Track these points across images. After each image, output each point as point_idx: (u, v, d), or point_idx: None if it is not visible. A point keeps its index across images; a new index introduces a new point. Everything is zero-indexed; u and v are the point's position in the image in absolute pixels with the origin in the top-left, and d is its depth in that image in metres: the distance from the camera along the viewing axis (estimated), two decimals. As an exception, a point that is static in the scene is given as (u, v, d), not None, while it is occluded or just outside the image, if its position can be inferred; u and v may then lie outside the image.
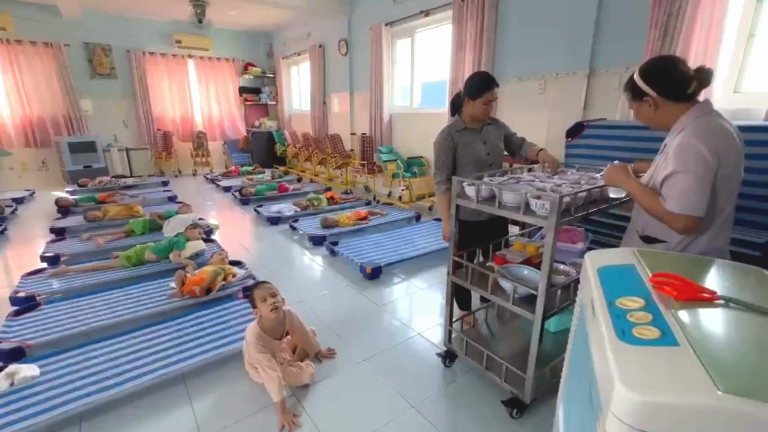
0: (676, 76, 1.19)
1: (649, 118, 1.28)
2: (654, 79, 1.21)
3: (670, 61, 1.25)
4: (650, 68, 1.23)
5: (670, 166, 1.15)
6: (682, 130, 1.18)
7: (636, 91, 1.26)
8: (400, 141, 5.52)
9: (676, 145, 1.15)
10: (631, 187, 1.28)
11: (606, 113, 3.15)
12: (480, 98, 1.84)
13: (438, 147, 1.98)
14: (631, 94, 1.29)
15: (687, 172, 1.11)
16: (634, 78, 1.26)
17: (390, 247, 3.48)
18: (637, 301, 0.74)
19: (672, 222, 1.15)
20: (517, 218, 1.44)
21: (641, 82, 1.23)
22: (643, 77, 1.23)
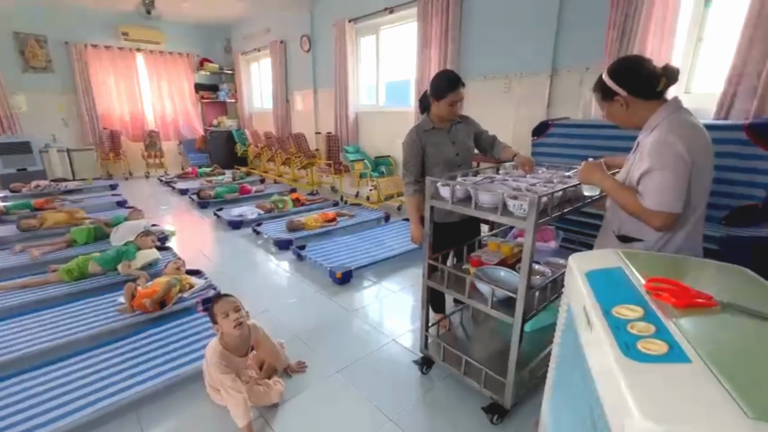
0: (644, 74, 1.19)
1: (621, 117, 1.27)
2: (623, 79, 1.21)
3: (636, 60, 1.25)
4: (618, 68, 1.24)
5: (646, 163, 1.14)
6: (655, 127, 1.18)
7: (606, 92, 1.25)
8: (367, 140, 5.42)
9: (652, 143, 1.14)
10: (607, 186, 1.27)
11: (569, 112, 3.22)
12: (444, 99, 1.79)
13: (406, 148, 1.92)
14: (601, 94, 1.28)
15: (664, 169, 1.10)
16: (603, 79, 1.26)
17: (360, 249, 3.38)
18: (634, 309, 0.69)
19: (649, 219, 1.14)
20: (495, 219, 1.39)
21: (611, 82, 1.23)
22: (613, 77, 1.23)
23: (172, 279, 2.42)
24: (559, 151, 2.88)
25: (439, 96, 1.80)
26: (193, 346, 1.98)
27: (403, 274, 3.07)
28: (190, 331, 2.12)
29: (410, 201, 1.94)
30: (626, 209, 1.22)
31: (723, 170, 2.16)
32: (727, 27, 2.50)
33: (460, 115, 1.97)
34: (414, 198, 1.92)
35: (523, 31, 3.39)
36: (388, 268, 3.13)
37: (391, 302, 2.64)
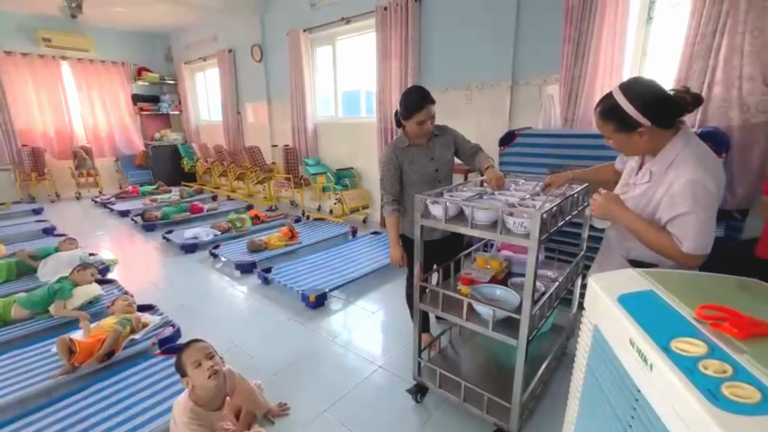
0: (673, 103, 1.11)
1: (634, 148, 1.18)
2: (650, 109, 1.09)
3: (658, 87, 1.12)
4: (644, 96, 1.10)
5: (682, 206, 1.08)
6: (675, 160, 1.12)
7: (626, 123, 1.12)
8: (328, 152, 5.26)
9: (686, 183, 1.08)
10: (633, 223, 1.17)
11: (530, 122, 3.32)
12: (412, 119, 1.72)
13: (382, 166, 1.85)
14: (615, 125, 1.15)
15: (700, 211, 1.07)
16: (620, 107, 1.11)
17: (330, 268, 3.21)
18: (697, 344, 0.64)
19: (687, 261, 1.10)
20: (494, 238, 1.33)
21: (635, 113, 1.09)
22: (638, 106, 1.09)
23: (121, 319, 2.10)
24: (526, 160, 2.95)
25: (407, 116, 1.74)
26: (153, 399, 1.71)
27: (378, 291, 2.95)
28: (147, 381, 1.83)
29: (389, 221, 1.87)
30: (656, 250, 1.15)
31: (679, 175, 2.31)
32: (668, 42, 2.72)
33: (437, 126, 1.91)
34: (392, 217, 1.85)
35: (482, 44, 3.46)
36: (362, 287, 2.99)
37: (371, 324, 2.50)
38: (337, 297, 2.85)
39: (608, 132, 1.20)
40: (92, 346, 1.91)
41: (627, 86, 1.14)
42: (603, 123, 1.19)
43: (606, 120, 1.18)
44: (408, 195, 1.90)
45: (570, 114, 3.02)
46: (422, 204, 1.51)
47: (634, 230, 1.19)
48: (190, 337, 2.12)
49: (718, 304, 0.69)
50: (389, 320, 2.53)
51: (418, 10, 3.78)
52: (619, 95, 1.13)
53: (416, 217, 1.52)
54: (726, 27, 2.30)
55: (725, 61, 2.35)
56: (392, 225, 1.86)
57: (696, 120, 2.49)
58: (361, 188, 4.86)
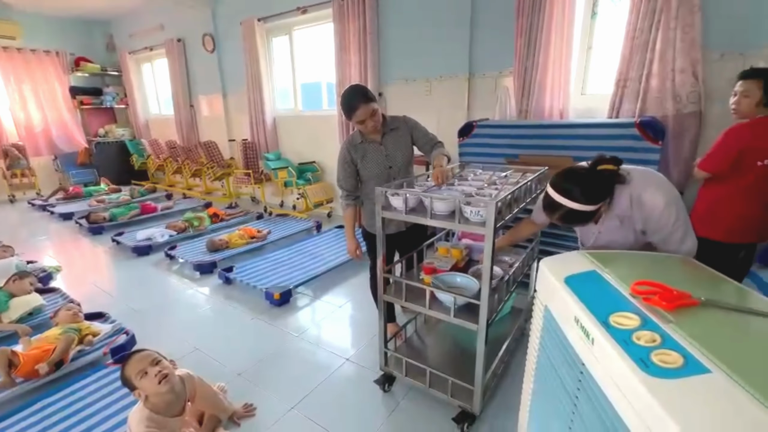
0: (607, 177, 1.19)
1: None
2: (601, 196, 1.18)
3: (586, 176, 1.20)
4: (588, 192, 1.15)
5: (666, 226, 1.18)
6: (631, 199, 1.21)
7: (590, 216, 1.19)
8: (288, 146, 5.14)
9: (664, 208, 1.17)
10: None
11: (487, 113, 3.41)
12: (352, 119, 1.74)
13: (338, 161, 1.89)
14: (581, 222, 1.23)
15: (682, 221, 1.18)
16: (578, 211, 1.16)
17: (294, 264, 3.16)
18: (631, 317, 0.69)
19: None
20: (452, 228, 1.36)
21: (590, 207, 1.16)
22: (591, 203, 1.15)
23: (68, 330, 1.95)
24: (484, 150, 3.03)
25: (347, 116, 1.76)
26: (107, 412, 1.61)
27: (344, 285, 2.94)
28: (100, 393, 1.72)
29: (345, 214, 1.93)
30: None
31: (622, 162, 2.47)
32: (611, 37, 2.88)
33: (395, 119, 1.91)
34: (348, 211, 1.91)
35: (440, 36, 3.50)
36: (328, 282, 2.97)
37: (338, 318, 2.50)
38: (303, 293, 2.81)
39: (576, 225, 1.29)
40: (38, 357, 1.76)
41: (567, 190, 1.17)
42: (568, 223, 1.25)
43: (571, 222, 1.23)
44: (365, 190, 1.91)
45: (524, 105, 3.14)
46: (383, 196, 1.52)
47: None
48: (147, 343, 2.03)
49: (650, 280, 0.75)
50: (356, 313, 2.54)
51: (376, 2, 3.75)
52: (567, 201, 1.16)
53: (377, 209, 1.53)
54: (660, 23, 2.48)
55: (660, 55, 2.52)
56: (347, 218, 1.92)
57: (636, 110, 2.67)
58: (325, 182, 4.80)
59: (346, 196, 1.89)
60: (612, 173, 1.19)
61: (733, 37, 2.38)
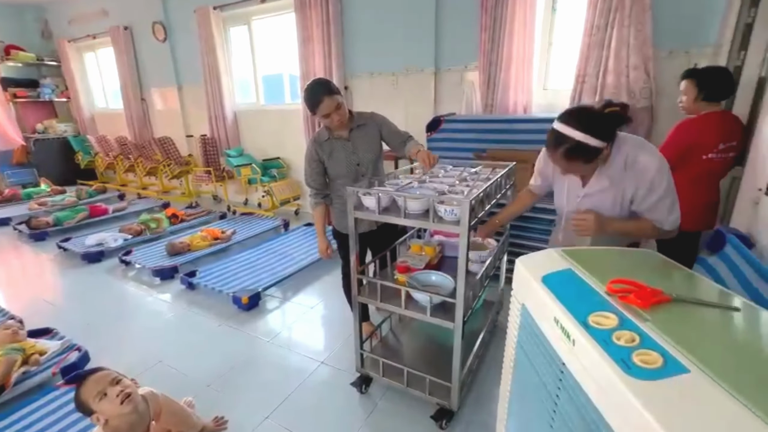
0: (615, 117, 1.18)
1: (596, 166, 1.25)
2: (607, 132, 1.16)
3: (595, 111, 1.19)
4: (595, 125, 1.14)
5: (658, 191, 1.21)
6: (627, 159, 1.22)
7: (592, 153, 1.17)
8: (251, 142, 4.94)
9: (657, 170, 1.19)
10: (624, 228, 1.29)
11: (453, 108, 3.44)
12: (317, 114, 1.69)
13: (305, 159, 1.84)
14: (585, 159, 1.19)
15: (671, 191, 1.22)
16: (583, 143, 1.14)
17: (262, 265, 3.05)
18: (609, 317, 0.70)
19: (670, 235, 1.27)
20: (427, 227, 1.35)
21: (597, 142, 1.14)
22: (598, 136, 1.14)
23: (10, 351, 1.76)
24: (452, 145, 3.05)
25: (312, 111, 1.71)
26: (59, 438, 1.48)
27: (316, 285, 2.88)
28: (51, 418, 1.57)
29: (314, 213, 1.90)
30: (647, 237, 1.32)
31: (583, 156, 2.57)
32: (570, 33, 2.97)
33: (362, 115, 1.87)
34: (318, 210, 1.88)
35: (405, 29, 3.46)
36: (298, 282, 2.90)
37: (311, 320, 2.44)
38: (273, 295, 2.72)
39: (576, 167, 1.25)
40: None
41: (576, 121, 1.16)
42: (570, 161, 1.21)
43: (574, 158, 1.20)
44: (334, 188, 1.86)
45: (489, 100, 3.18)
46: (355, 196, 1.48)
47: (625, 233, 1.31)
48: (102, 360, 1.89)
49: (624, 278, 0.77)
50: (329, 313, 2.49)
51: (339, -8, 3.65)
52: (574, 132, 1.15)
53: (349, 208, 1.49)
54: (615, 21, 2.58)
55: (615, 52, 2.63)
56: (317, 217, 1.89)
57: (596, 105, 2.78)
58: (291, 179, 4.67)
59: (314, 194, 1.85)
60: (619, 115, 1.19)
61: (680, 36, 2.52)
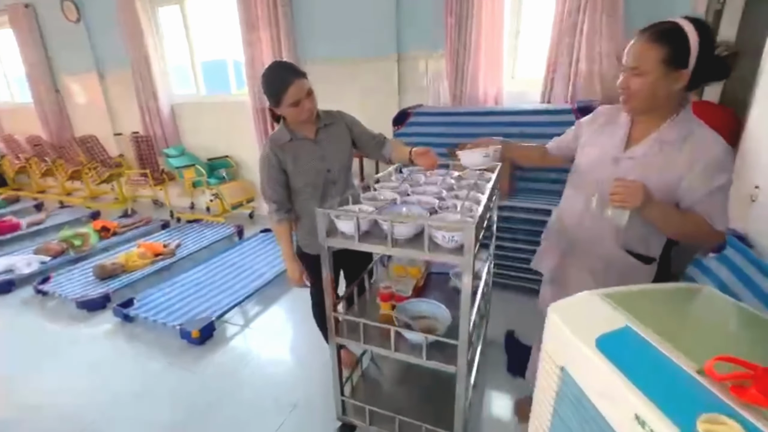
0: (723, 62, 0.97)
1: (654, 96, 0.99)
2: (711, 53, 0.94)
3: None
4: (710, 35, 0.94)
5: (719, 177, 0.98)
6: (694, 130, 1.01)
7: (678, 55, 0.93)
8: (193, 139, 4.39)
9: (724, 151, 0.98)
10: (671, 216, 1.02)
11: (419, 99, 3.19)
12: (283, 103, 1.37)
13: (261, 168, 1.50)
14: (667, 53, 0.93)
15: (728, 185, 0.99)
16: (684, 33, 0.92)
17: (215, 285, 2.66)
18: (728, 425, 0.49)
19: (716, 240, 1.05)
20: (423, 257, 1.10)
21: (695, 47, 0.91)
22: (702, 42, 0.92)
23: None
24: (422, 140, 2.81)
25: (276, 101, 1.39)
26: None
27: (282, 303, 2.55)
28: None
29: (278, 231, 1.55)
30: (694, 237, 1.05)
31: (560, 149, 2.44)
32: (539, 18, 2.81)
33: (326, 113, 1.57)
34: (281, 227, 1.53)
35: (363, 11, 3.13)
36: (260, 302, 2.56)
37: (277, 349, 2.13)
38: (230, 322, 2.36)
39: (650, 60, 0.97)
40: None
41: (695, 19, 0.95)
42: (651, 46, 0.96)
43: (659, 43, 0.95)
44: (299, 202, 1.56)
45: (458, 90, 2.97)
46: (326, 219, 1.19)
47: (671, 223, 1.03)
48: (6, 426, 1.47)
49: (728, 355, 0.57)
50: (300, 339, 2.19)
51: (285, -33, 3.22)
52: (686, 23, 0.93)
53: (321, 235, 1.20)
54: (587, 6, 2.44)
55: (587, 38, 2.50)
56: (282, 236, 1.54)
57: (567, 94, 2.66)
58: (243, 179, 4.21)
59: (276, 209, 1.52)
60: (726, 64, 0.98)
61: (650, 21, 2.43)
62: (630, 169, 1.09)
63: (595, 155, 1.20)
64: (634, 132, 1.13)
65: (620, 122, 1.17)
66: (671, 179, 1.03)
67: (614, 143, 1.15)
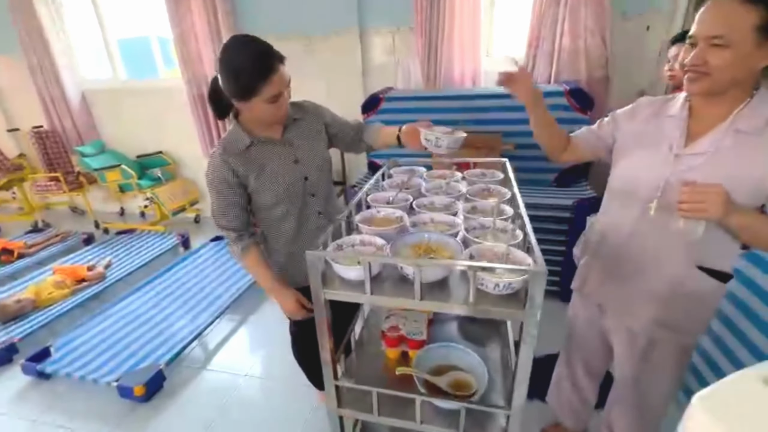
0: None
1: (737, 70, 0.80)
2: None
3: None
4: None
5: None
6: None
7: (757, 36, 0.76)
8: (115, 133, 3.66)
9: None
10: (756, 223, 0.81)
11: (387, 81, 2.83)
12: (257, 96, 0.99)
13: (210, 187, 1.10)
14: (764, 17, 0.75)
15: None
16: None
17: (162, 315, 2.19)
18: None
19: None
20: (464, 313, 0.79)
21: None
22: None
23: None
24: (395, 130, 2.48)
25: (246, 94, 0.99)
26: None
27: (246, 331, 2.15)
28: None
29: (248, 262, 1.16)
30: None
31: (550, 136, 2.24)
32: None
33: (295, 104, 1.21)
34: (251, 255, 1.15)
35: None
36: (221, 332, 2.14)
37: (247, 400, 1.75)
38: (184, 365, 1.93)
39: (741, 27, 0.76)
40: None
41: None
42: (743, 9, 0.75)
43: (754, 4, 0.75)
44: (266, 224, 1.19)
45: (431, 71, 2.66)
46: (321, 264, 0.84)
47: (758, 230, 0.82)
48: None
49: None
50: (272, 377, 1.83)
51: None
52: None
53: (314, 285, 0.85)
54: (571, -25, 2.22)
55: (571, 12, 2.30)
56: (254, 265, 1.16)
57: (551, 74, 2.45)
58: (183, 178, 3.61)
59: (237, 237, 1.13)
60: None
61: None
62: (696, 168, 0.88)
63: (645, 155, 0.98)
64: (692, 124, 0.92)
65: (673, 113, 0.96)
66: (753, 177, 0.83)
67: (670, 138, 0.94)
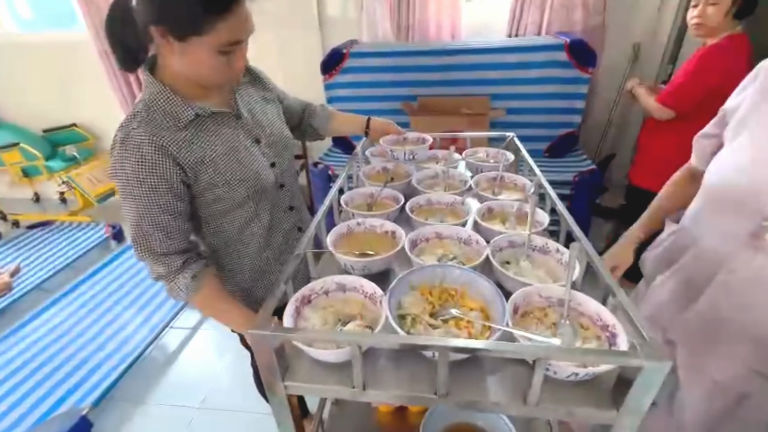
0: None
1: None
2: None
3: None
4: None
5: None
6: None
7: None
8: (11, 103, 2.93)
9: None
10: None
11: (349, 33, 2.36)
12: (206, 35, 0.59)
13: (133, 187, 0.66)
14: None
15: None
16: None
17: (90, 334, 1.78)
18: None
19: None
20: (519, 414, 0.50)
21: None
22: None
23: None
24: (363, 93, 2.09)
25: (189, 26, 0.59)
26: None
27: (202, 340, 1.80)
28: None
29: (206, 298, 0.75)
30: None
31: (544, 98, 1.95)
32: None
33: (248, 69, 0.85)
34: (209, 286, 0.74)
35: None
36: (167, 344, 1.77)
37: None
38: (119, 398, 1.56)
39: None
40: None
41: None
42: None
43: None
44: (219, 232, 0.81)
45: (402, 19, 2.24)
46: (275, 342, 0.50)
47: None
48: None
49: None
50: (238, 408, 1.52)
51: None
52: None
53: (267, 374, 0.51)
54: None
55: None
56: (217, 297, 0.76)
57: (542, 24, 2.11)
58: (105, 155, 3.00)
59: (182, 265, 0.71)
60: None
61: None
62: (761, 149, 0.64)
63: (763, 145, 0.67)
64: None
65: None
66: None
67: None
